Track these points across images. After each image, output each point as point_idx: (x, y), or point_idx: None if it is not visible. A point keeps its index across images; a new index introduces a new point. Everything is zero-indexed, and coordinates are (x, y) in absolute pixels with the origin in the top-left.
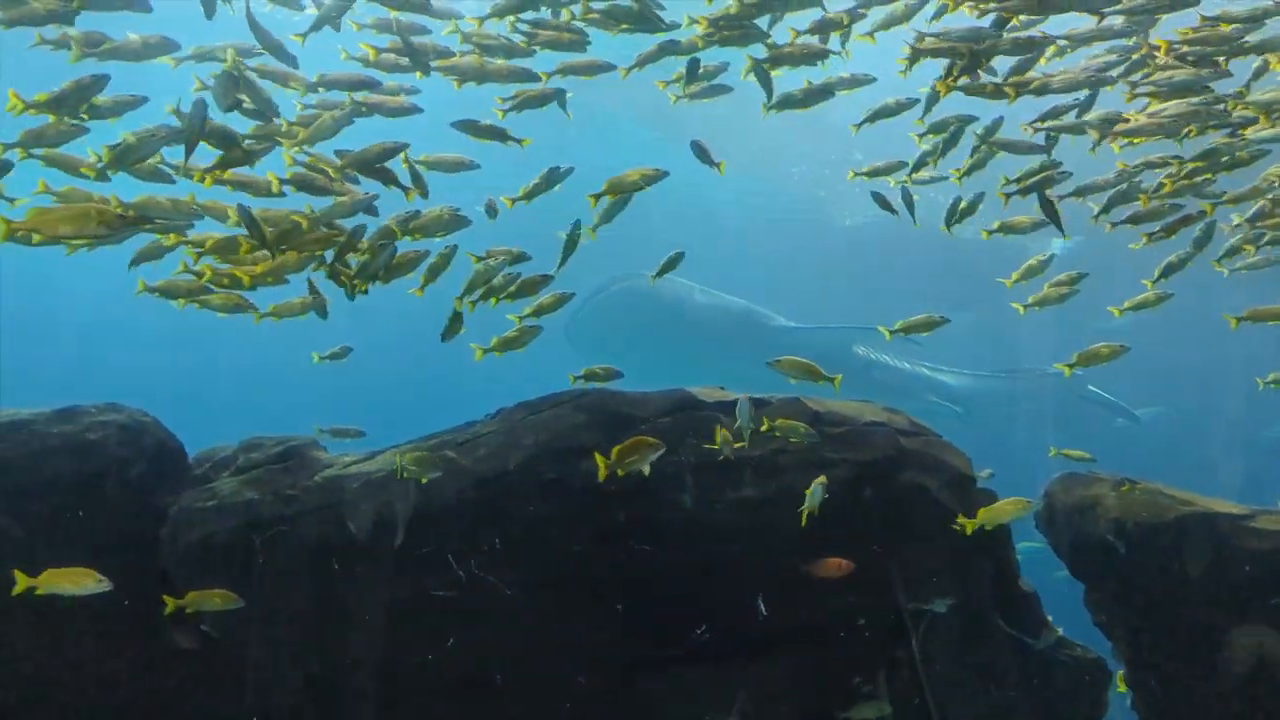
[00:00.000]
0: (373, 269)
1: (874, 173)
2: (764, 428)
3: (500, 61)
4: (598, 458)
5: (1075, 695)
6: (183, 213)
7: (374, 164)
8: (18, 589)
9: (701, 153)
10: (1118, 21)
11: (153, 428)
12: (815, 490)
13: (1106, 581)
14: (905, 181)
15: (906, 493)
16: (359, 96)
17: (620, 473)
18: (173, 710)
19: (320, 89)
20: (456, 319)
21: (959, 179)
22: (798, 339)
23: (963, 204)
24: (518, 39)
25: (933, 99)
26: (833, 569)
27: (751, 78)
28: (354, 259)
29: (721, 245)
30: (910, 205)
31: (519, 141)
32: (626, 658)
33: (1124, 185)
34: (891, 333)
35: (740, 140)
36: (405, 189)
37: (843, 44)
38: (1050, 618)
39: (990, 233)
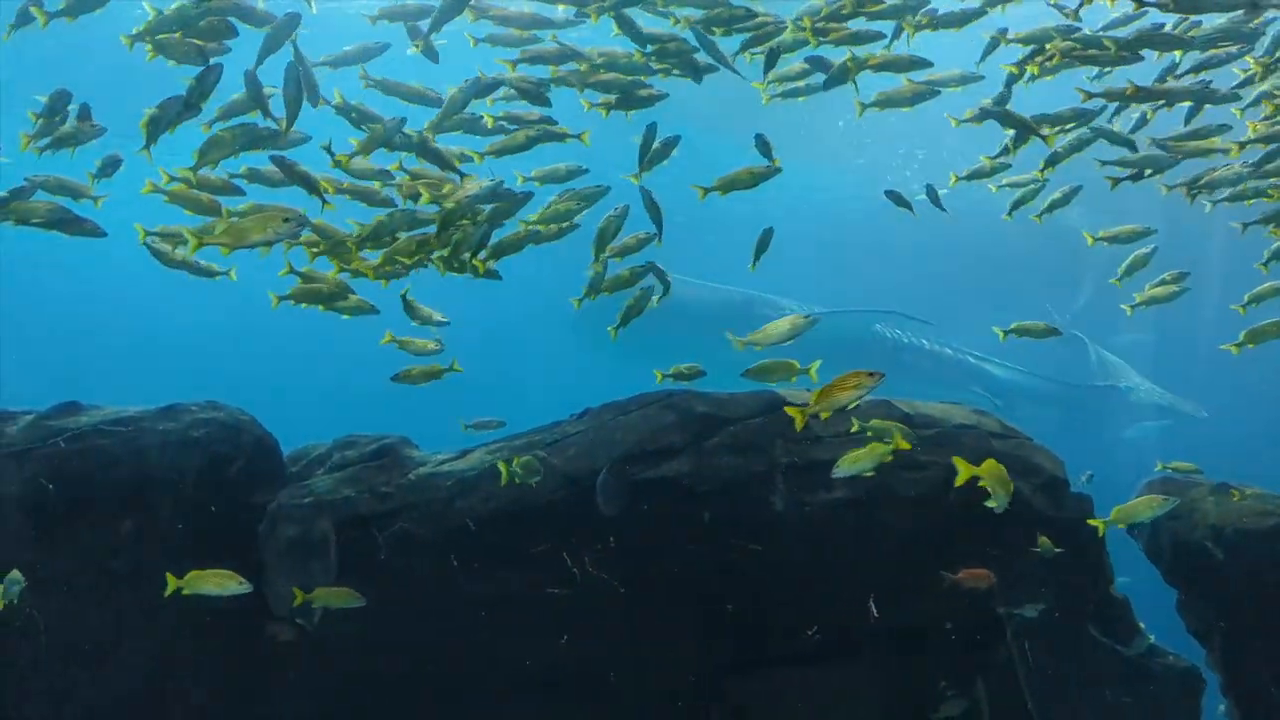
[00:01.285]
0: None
1: (974, 175)
2: (854, 429)
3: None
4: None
5: (1169, 704)
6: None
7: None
8: (168, 590)
9: (764, 147)
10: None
11: (250, 425)
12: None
13: (1202, 588)
14: (1003, 186)
15: None
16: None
17: (824, 416)
18: (268, 704)
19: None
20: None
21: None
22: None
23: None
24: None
25: (1011, 80)
26: (976, 579)
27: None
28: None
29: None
30: (936, 200)
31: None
32: (713, 659)
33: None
34: (1005, 333)
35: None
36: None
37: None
38: (1142, 624)
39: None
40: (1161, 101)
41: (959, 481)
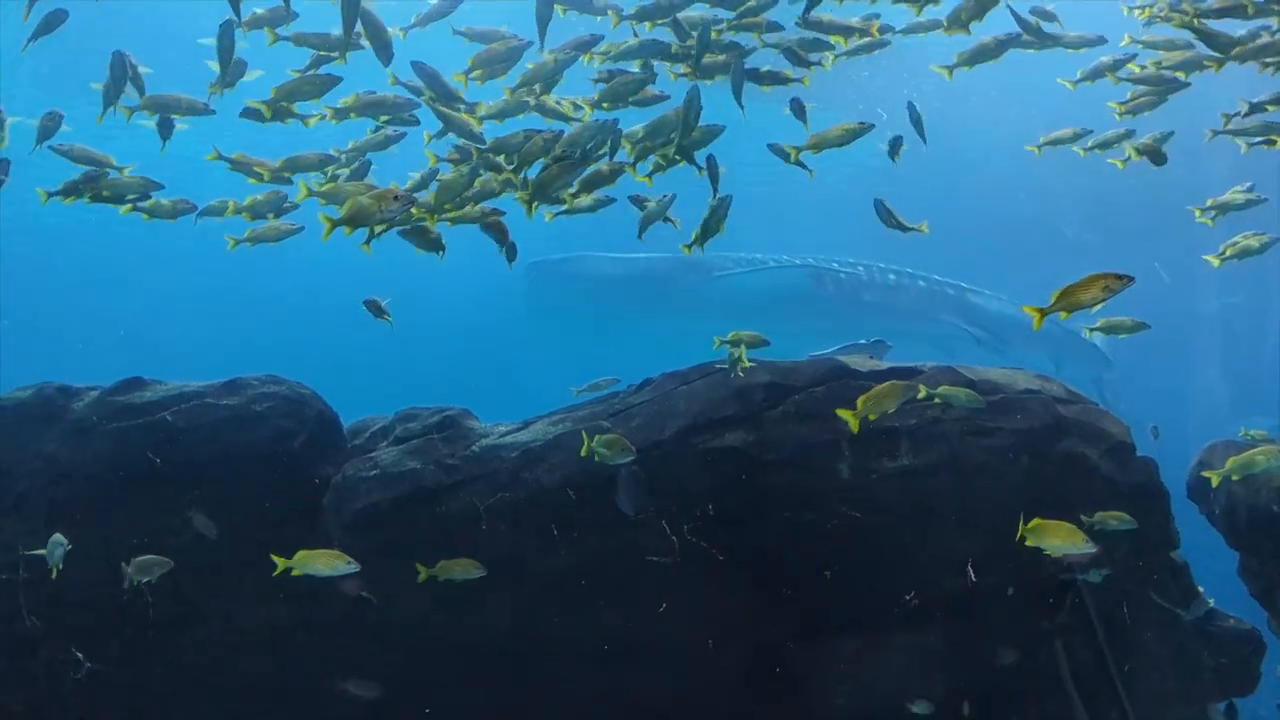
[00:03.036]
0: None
1: (1055, 141)
2: (921, 395)
3: None
4: (845, 414)
5: (1230, 667)
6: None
7: None
8: (277, 571)
9: (799, 110)
10: None
11: (312, 399)
12: None
13: (1266, 550)
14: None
15: (1066, 461)
16: None
17: (871, 417)
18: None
19: None
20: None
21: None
22: (743, 284)
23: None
24: None
25: None
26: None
27: None
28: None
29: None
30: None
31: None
32: (777, 628)
33: None
34: (1092, 330)
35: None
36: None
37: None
38: (1202, 589)
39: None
40: None
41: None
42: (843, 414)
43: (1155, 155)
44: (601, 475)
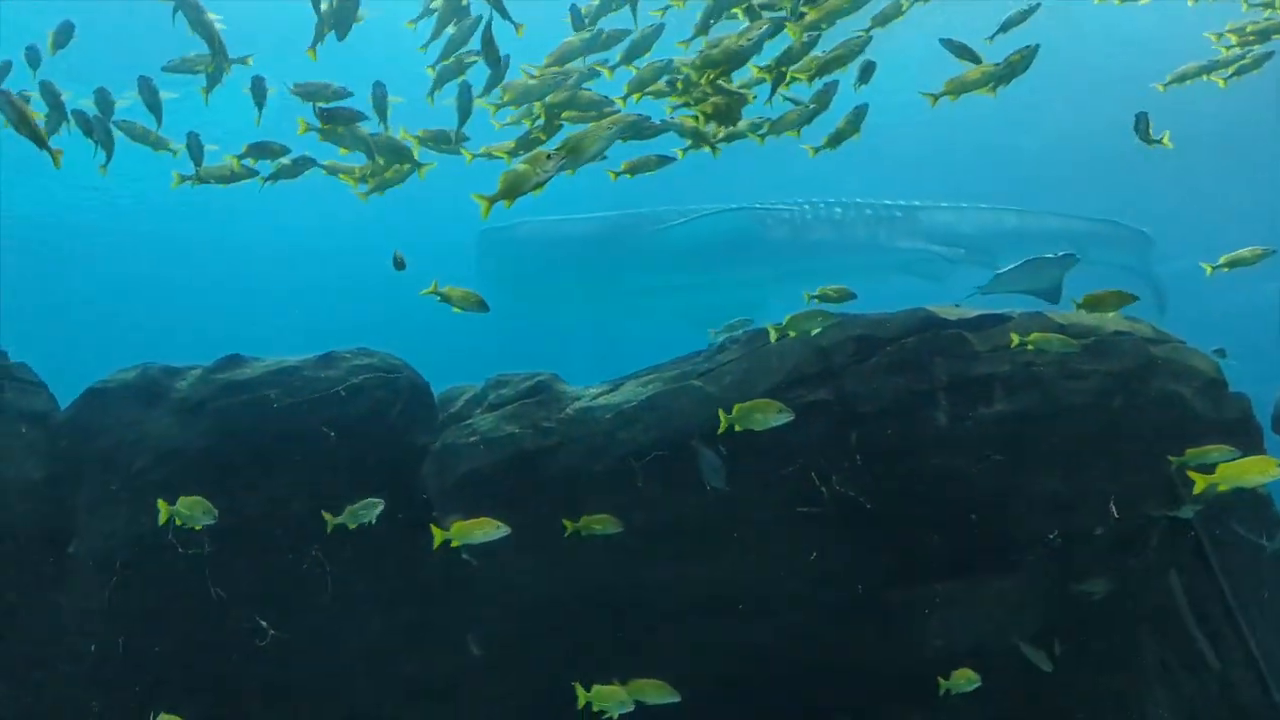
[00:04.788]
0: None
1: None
2: (1014, 343)
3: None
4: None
5: None
6: None
7: None
8: (436, 543)
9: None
10: None
11: (404, 369)
12: None
13: None
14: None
15: (1159, 400)
16: None
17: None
18: (432, 635)
19: None
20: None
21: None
22: (686, 233)
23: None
24: None
25: None
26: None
27: None
28: None
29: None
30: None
31: None
32: (875, 574)
33: None
34: (1214, 268)
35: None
36: None
37: None
38: None
39: None
40: None
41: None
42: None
43: None
44: (700, 429)
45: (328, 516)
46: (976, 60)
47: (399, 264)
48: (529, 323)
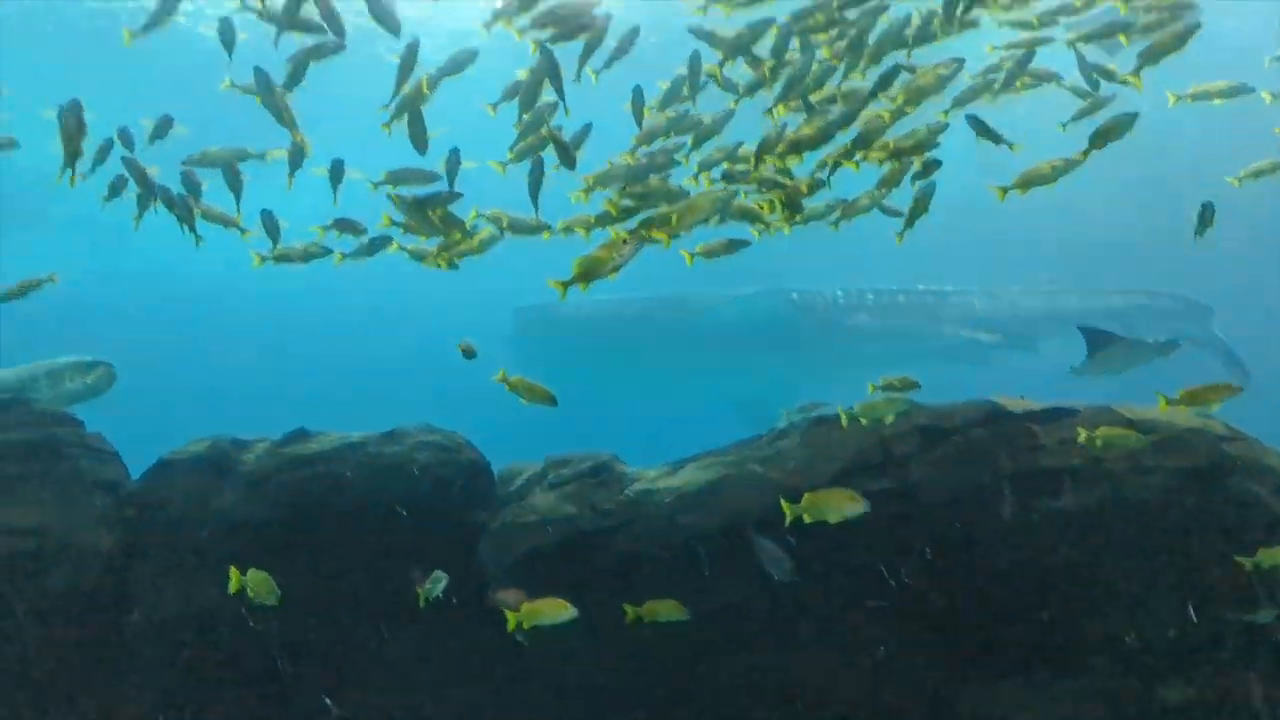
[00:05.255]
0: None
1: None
2: (1082, 438)
3: None
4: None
5: None
6: None
7: None
8: (511, 626)
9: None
10: None
11: (466, 448)
12: None
13: None
14: None
15: (1234, 499)
16: None
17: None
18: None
19: None
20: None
21: None
22: (721, 315)
23: None
24: None
25: None
26: None
27: None
28: None
29: None
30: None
31: None
32: (936, 671)
33: None
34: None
35: None
36: None
37: None
38: None
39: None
40: None
41: None
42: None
43: None
44: (759, 516)
45: (420, 590)
46: (998, 141)
47: (469, 353)
48: (566, 399)
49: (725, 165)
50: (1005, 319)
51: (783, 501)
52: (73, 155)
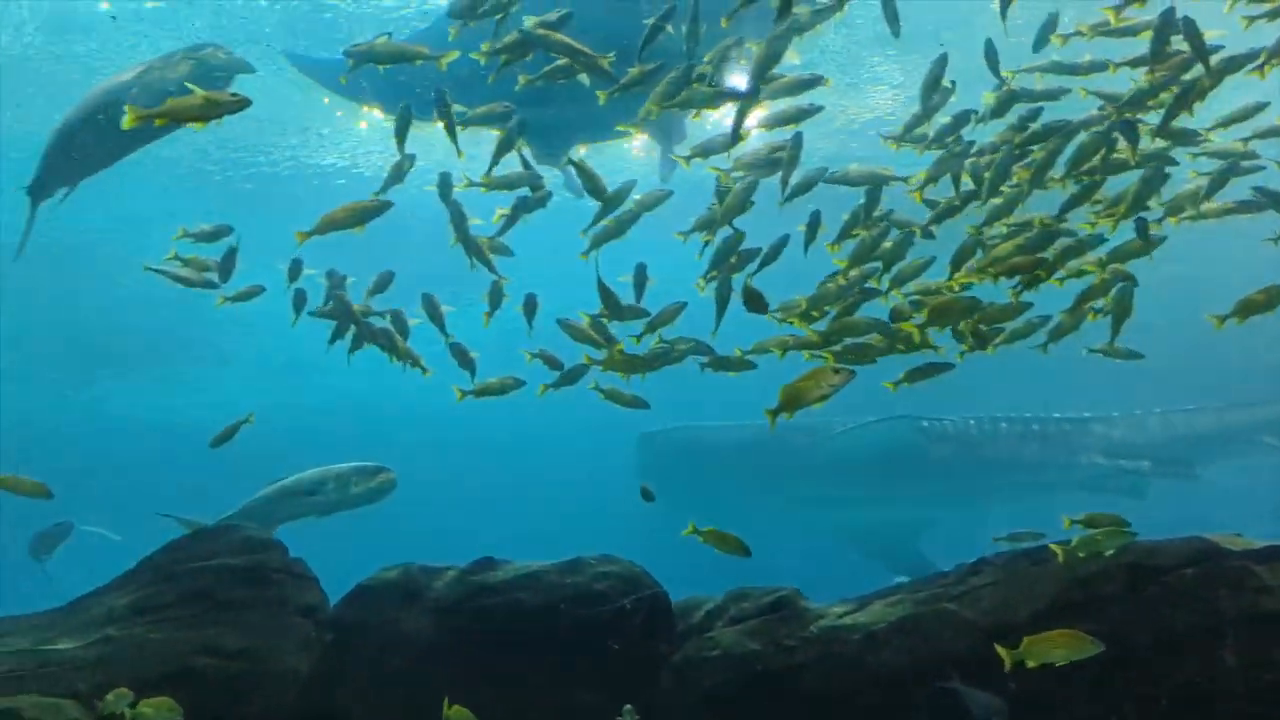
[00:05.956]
0: None
1: None
2: None
3: None
4: None
5: None
6: None
7: None
8: None
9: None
10: None
11: (646, 579)
12: None
13: None
14: None
15: None
16: None
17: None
18: None
19: None
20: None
21: None
22: (848, 443)
23: None
24: None
25: None
26: None
27: None
28: None
29: None
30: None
31: None
32: None
33: None
34: None
35: None
36: None
37: None
38: None
39: None
40: None
41: None
42: None
43: None
44: (953, 655)
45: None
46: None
47: (648, 496)
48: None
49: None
50: (1156, 443)
51: (998, 647)
52: (345, 323)
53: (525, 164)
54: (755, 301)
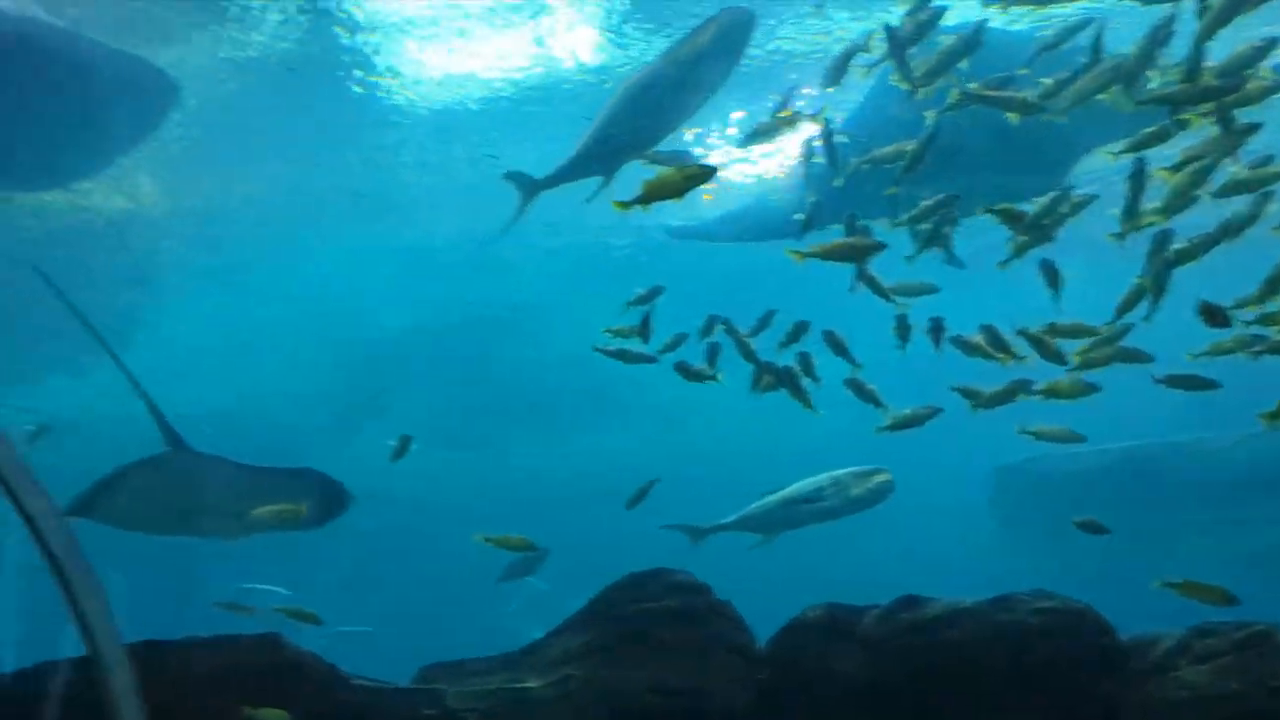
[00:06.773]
0: None
1: None
2: None
3: None
4: None
5: None
6: None
7: None
8: None
9: None
10: None
11: (1089, 614)
12: None
13: None
14: None
15: None
16: None
17: None
18: None
19: None
20: None
21: None
22: (1230, 460)
23: None
24: None
25: None
26: None
27: None
28: None
29: None
30: None
31: None
32: None
33: None
34: None
35: None
36: None
37: None
38: None
39: None
40: None
41: None
42: None
43: None
44: None
45: None
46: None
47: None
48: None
49: None
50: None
51: None
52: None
53: None
54: (1215, 315)
